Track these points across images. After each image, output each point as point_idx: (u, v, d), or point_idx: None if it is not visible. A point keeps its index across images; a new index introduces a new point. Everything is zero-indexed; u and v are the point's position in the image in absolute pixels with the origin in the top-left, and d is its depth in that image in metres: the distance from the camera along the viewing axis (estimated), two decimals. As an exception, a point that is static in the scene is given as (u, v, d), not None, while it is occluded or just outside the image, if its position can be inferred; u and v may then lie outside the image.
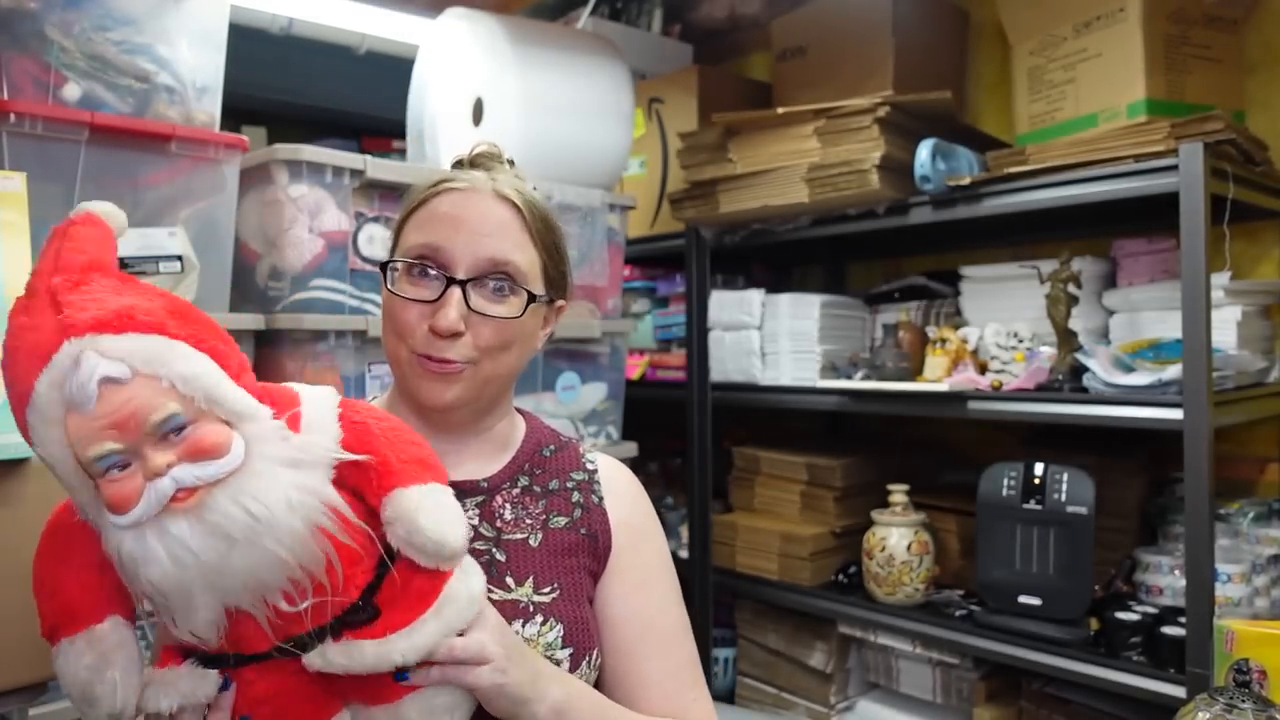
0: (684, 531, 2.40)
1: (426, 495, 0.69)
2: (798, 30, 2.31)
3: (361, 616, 0.68)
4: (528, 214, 0.92)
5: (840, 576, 2.13)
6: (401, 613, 0.68)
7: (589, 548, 0.94)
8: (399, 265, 0.89)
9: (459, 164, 0.99)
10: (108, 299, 0.62)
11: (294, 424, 0.66)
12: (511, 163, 0.99)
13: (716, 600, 2.36)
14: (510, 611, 0.85)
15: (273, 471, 0.62)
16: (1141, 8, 1.70)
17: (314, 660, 0.68)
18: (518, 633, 0.84)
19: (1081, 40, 1.81)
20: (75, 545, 0.67)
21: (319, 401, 0.71)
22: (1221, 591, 1.60)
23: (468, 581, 0.73)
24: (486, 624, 0.75)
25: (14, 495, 0.96)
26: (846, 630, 2.10)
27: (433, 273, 0.88)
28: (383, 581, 0.68)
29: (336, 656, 0.67)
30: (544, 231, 0.94)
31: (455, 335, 0.86)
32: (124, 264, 1.38)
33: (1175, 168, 1.52)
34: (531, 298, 0.91)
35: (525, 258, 0.91)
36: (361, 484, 0.69)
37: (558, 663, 0.86)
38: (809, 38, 2.28)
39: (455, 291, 0.86)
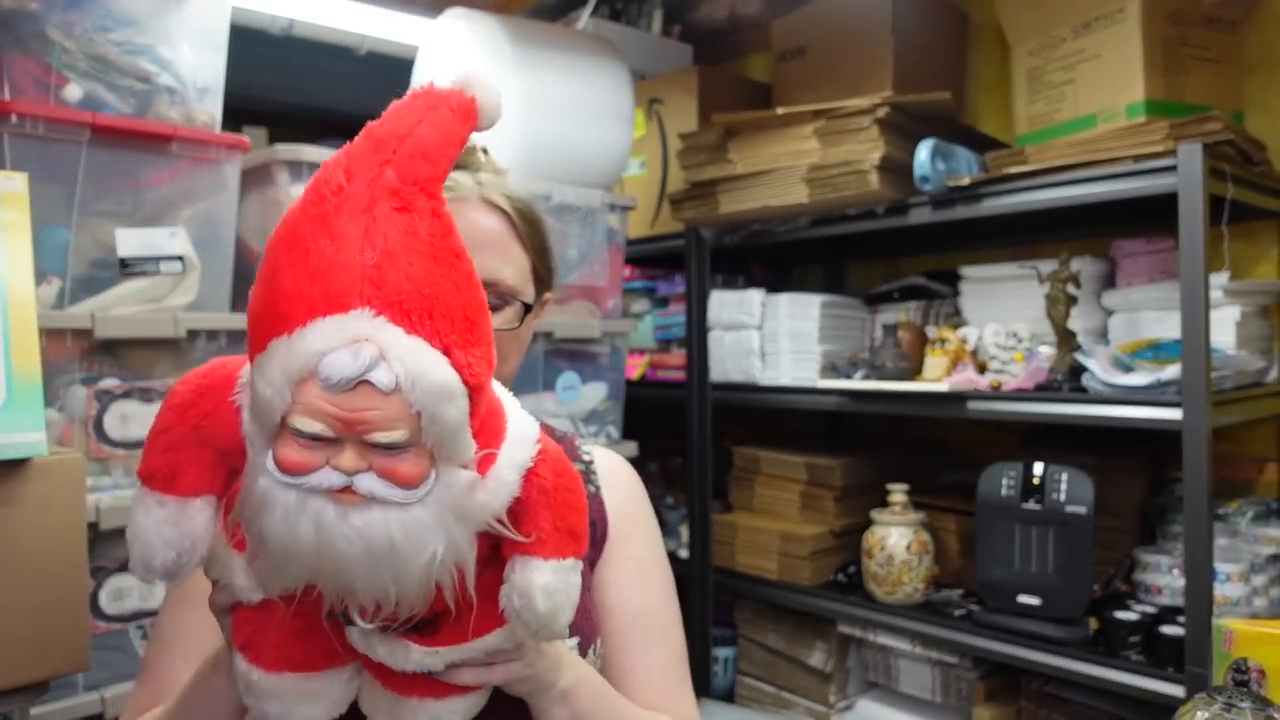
0: (684, 531, 2.41)
1: (556, 573, 0.64)
2: (798, 30, 2.32)
3: (422, 627, 0.65)
4: (516, 219, 0.91)
5: (840, 576, 2.14)
6: (461, 630, 0.65)
7: (589, 536, 0.95)
8: None
9: None
10: (420, 267, 0.55)
11: (484, 466, 0.60)
12: (485, 151, 0.98)
13: (716, 600, 2.36)
14: None
15: (439, 517, 0.57)
16: (1140, 9, 1.71)
17: (356, 639, 0.65)
18: None
19: (1080, 41, 1.81)
20: (214, 421, 0.61)
21: (518, 447, 0.64)
22: (1220, 591, 1.60)
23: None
24: None
25: (14, 495, 0.97)
26: (846, 630, 2.10)
27: None
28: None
29: (379, 647, 0.65)
30: (532, 234, 0.93)
31: None
32: (125, 264, 1.39)
33: (1174, 168, 1.52)
34: (526, 308, 0.91)
35: (516, 268, 0.91)
36: (511, 523, 0.64)
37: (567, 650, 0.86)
38: (809, 38, 2.28)
39: None
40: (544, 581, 0.63)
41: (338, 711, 0.69)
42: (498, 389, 0.66)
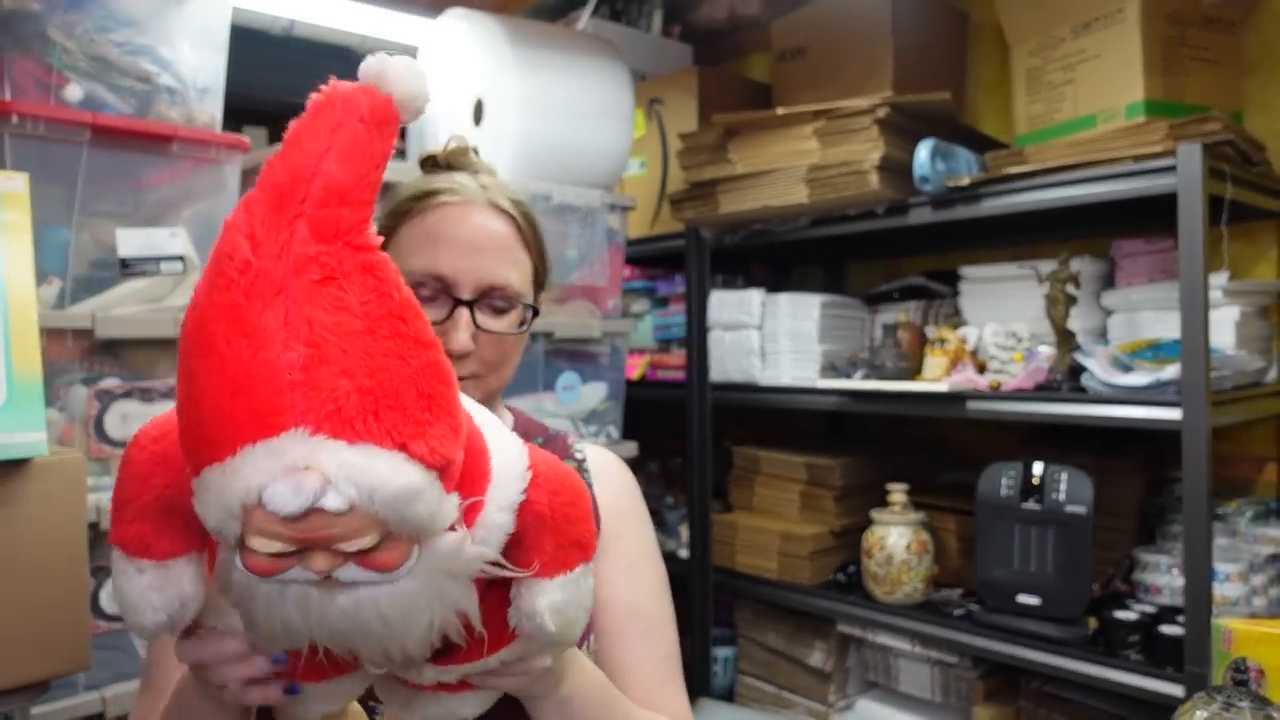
0: (684, 531, 2.40)
1: (564, 589, 0.62)
2: (798, 30, 2.32)
3: (434, 653, 0.64)
4: (521, 223, 0.93)
5: (840, 576, 2.14)
6: (475, 650, 0.63)
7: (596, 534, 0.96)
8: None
9: (430, 162, 0.97)
10: (356, 353, 0.48)
11: (472, 515, 0.56)
12: (476, 151, 0.99)
13: (716, 600, 2.36)
14: None
15: (429, 585, 0.54)
16: (1140, 9, 1.71)
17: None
18: None
19: (1080, 41, 1.81)
20: (176, 491, 0.56)
21: (506, 486, 0.59)
22: (1219, 591, 1.60)
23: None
24: None
25: (14, 495, 0.97)
26: (846, 629, 2.10)
27: (443, 297, 0.88)
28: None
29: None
30: (533, 236, 0.95)
31: (465, 354, 0.88)
32: (125, 264, 1.39)
33: (1173, 168, 1.52)
34: (534, 311, 0.93)
35: (521, 272, 0.92)
36: (509, 553, 0.61)
37: None
38: (809, 38, 2.29)
39: (463, 313, 0.88)
40: (551, 601, 0.61)
41: (356, 696, 0.69)
42: (475, 411, 0.62)
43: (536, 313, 0.94)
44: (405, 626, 0.54)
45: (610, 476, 1.01)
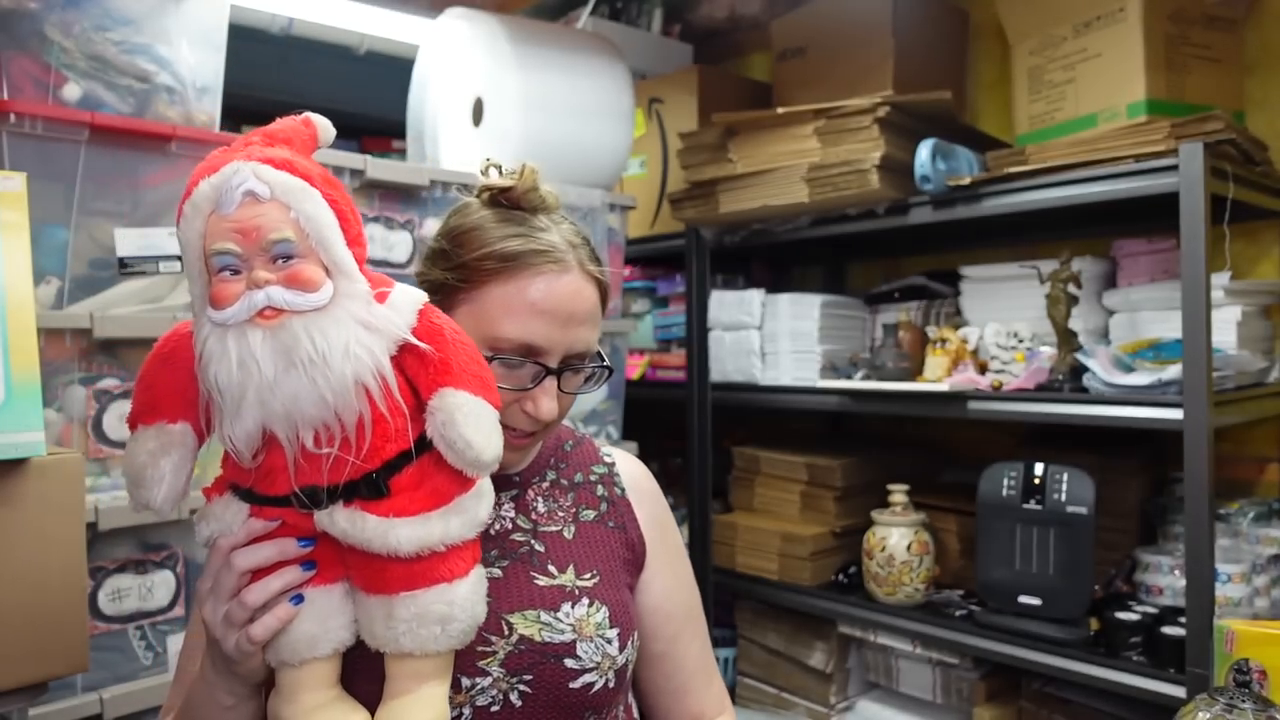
0: (684, 531, 2.40)
1: (473, 401, 0.73)
2: (798, 30, 2.31)
3: (373, 490, 0.73)
4: (604, 287, 0.93)
5: (840, 576, 2.13)
6: (412, 502, 0.74)
7: (621, 539, 0.99)
8: (496, 359, 0.86)
9: (494, 198, 0.92)
10: (282, 153, 0.73)
11: (379, 300, 0.74)
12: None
13: (716, 600, 2.36)
14: (558, 595, 0.90)
15: (346, 322, 0.70)
16: (1141, 8, 1.70)
17: (322, 518, 0.73)
18: (567, 614, 0.88)
19: (1081, 40, 1.81)
20: (182, 353, 0.74)
21: (408, 295, 0.77)
22: (1221, 591, 1.60)
23: (480, 503, 0.77)
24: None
25: (14, 495, 0.96)
26: (846, 630, 2.10)
27: (529, 365, 0.87)
28: (405, 467, 0.74)
29: (341, 520, 0.73)
30: (607, 296, 0.95)
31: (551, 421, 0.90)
32: (124, 264, 1.39)
33: (1175, 168, 1.52)
34: (608, 372, 0.94)
35: (598, 331, 0.93)
36: (419, 376, 0.74)
37: (608, 641, 0.89)
38: (809, 38, 2.28)
39: (552, 382, 0.88)
40: (459, 402, 0.73)
41: (340, 631, 0.77)
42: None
43: (610, 371, 0.94)
44: (329, 355, 0.68)
45: (642, 485, 1.05)
